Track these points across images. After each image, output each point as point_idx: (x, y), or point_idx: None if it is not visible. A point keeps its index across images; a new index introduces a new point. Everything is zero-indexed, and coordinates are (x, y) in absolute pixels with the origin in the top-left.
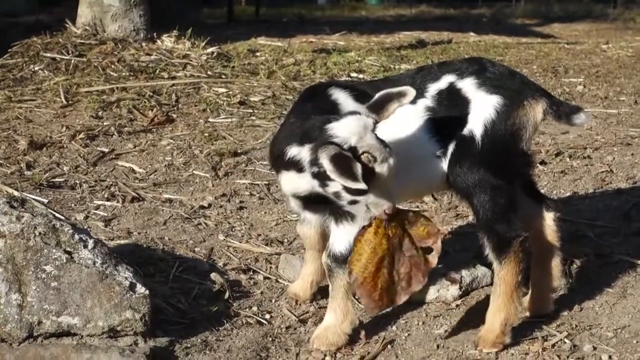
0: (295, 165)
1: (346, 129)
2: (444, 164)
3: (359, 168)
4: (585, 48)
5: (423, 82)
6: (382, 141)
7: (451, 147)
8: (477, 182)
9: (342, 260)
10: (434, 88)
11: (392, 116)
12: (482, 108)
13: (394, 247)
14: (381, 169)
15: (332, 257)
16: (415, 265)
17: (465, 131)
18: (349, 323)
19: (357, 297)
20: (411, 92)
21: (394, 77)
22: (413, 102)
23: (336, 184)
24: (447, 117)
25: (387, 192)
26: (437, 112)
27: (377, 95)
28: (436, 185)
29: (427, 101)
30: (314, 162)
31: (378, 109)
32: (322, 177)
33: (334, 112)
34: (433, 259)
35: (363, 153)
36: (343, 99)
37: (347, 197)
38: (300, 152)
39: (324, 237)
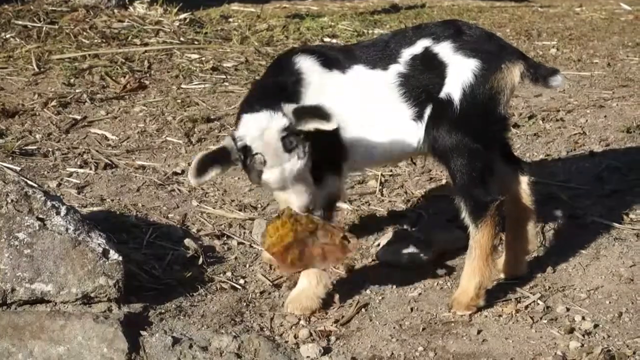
0: None
1: (247, 127)
2: (421, 129)
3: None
4: (558, 11)
5: (398, 47)
6: (290, 146)
7: (428, 112)
8: (454, 146)
9: None
10: (408, 53)
11: (367, 81)
12: (460, 72)
13: (303, 238)
14: (268, 175)
15: None
16: (329, 251)
17: (443, 95)
18: (322, 287)
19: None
20: (332, 124)
21: (367, 41)
22: (387, 68)
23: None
24: (424, 81)
25: (301, 190)
26: (413, 77)
27: (307, 106)
28: (413, 150)
29: (401, 66)
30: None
31: (299, 116)
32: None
33: (297, 82)
34: (352, 247)
35: (256, 154)
36: (307, 66)
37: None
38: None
39: None
